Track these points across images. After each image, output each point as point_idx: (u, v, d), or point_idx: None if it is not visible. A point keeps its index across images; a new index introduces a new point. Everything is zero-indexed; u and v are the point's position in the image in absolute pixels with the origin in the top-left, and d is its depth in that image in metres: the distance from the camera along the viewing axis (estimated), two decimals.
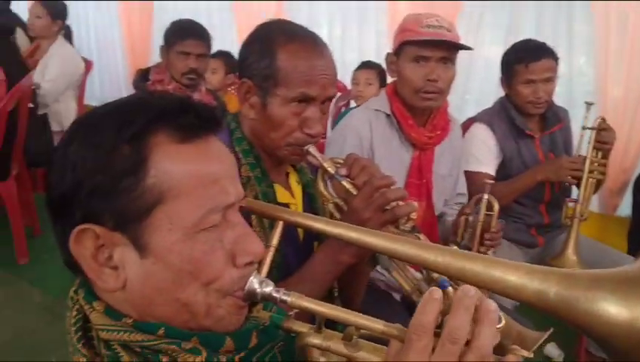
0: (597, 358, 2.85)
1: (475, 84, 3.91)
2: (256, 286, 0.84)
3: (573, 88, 3.60)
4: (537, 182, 2.58)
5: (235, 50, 4.55)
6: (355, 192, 1.35)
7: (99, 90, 6.04)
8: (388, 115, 2.20)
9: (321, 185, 1.47)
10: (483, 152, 2.67)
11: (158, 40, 4.00)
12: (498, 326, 0.72)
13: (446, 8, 3.60)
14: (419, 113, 2.17)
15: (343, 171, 1.38)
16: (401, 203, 1.31)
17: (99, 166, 0.76)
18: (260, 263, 1.13)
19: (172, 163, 0.78)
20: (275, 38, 1.40)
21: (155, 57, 4.62)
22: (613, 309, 0.80)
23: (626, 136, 3.35)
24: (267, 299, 0.84)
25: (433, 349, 0.70)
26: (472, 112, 2.90)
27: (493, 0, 3.78)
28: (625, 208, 3.40)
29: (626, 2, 3.20)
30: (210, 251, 0.79)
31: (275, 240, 1.18)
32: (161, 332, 0.79)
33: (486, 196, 1.99)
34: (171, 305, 0.80)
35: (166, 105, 0.81)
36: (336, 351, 0.84)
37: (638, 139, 3.34)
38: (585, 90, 3.55)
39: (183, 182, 0.78)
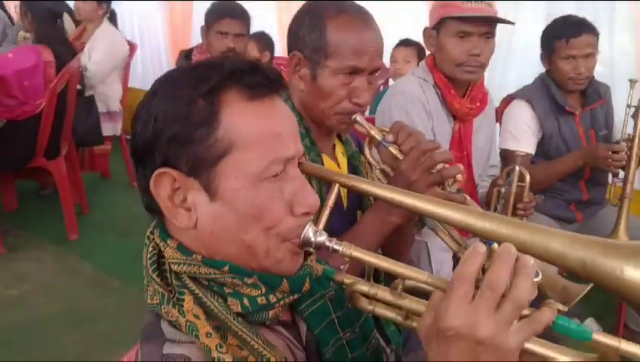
0: (637, 334, 2.84)
1: (516, 62, 3.88)
2: (311, 235, 0.92)
3: (615, 67, 3.56)
4: (578, 166, 2.60)
5: (274, 31, 4.65)
6: (401, 157, 1.42)
7: (142, 73, 6.15)
8: (433, 86, 2.25)
9: (367, 153, 1.54)
10: (521, 130, 2.68)
11: (199, 21, 4.03)
12: (535, 279, 0.77)
13: None
14: (459, 85, 2.23)
15: (390, 138, 1.45)
16: (447, 165, 1.38)
17: (177, 116, 0.86)
18: (317, 219, 1.21)
19: (241, 117, 0.88)
20: (324, 12, 1.47)
21: (196, 39, 4.68)
22: None
23: None
24: (320, 247, 0.93)
25: (473, 298, 0.76)
26: (512, 90, 2.91)
27: None
28: None
29: None
30: (271, 199, 0.89)
31: (331, 201, 1.26)
32: (226, 268, 0.89)
33: (517, 167, 2.03)
34: (236, 245, 0.90)
35: (238, 66, 0.90)
36: (383, 298, 0.92)
37: None
38: (627, 68, 3.49)
39: (249, 135, 0.87)
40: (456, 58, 2.15)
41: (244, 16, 3.18)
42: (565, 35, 2.59)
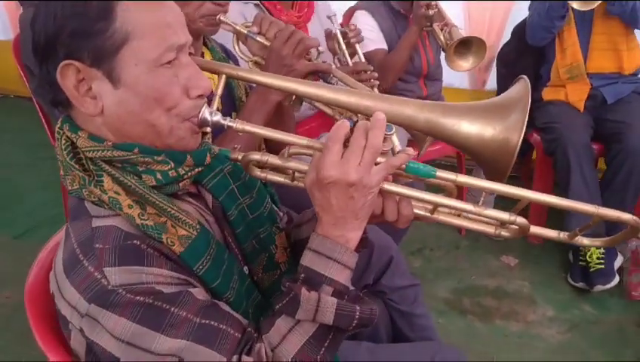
0: None
1: None
2: (207, 115, 1.06)
3: None
4: (417, 34, 2.89)
5: None
6: (268, 44, 1.61)
7: None
8: (256, 4, 2.42)
9: (237, 48, 1.72)
10: (372, 34, 2.94)
11: None
12: (388, 133, 1.00)
13: None
14: None
15: (255, 29, 1.63)
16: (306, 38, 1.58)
17: (77, 12, 0.95)
18: (210, 103, 1.33)
19: (134, 10, 0.97)
20: None
21: None
22: (481, 127, 1.13)
23: (489, 18, 3.76)
24: (216, 125, 1.08)
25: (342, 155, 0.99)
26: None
27: None
28: (492, 82, 3.81)
29: None
30: (169, 83, 1.01)
31: (220, 90, 1.41)
32: (136, 150, 1.01)
33: (336, 29, 2.36)
34: (141, 125, 1.02)
35: None
36: (273, 163, 1.10)
37: (498, 19, 3.75)
38: None
39: (144, 25, 0.98)
40: None
41: None
42: None
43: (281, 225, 1.31)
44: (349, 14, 3.14)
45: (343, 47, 2.35)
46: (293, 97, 1.64)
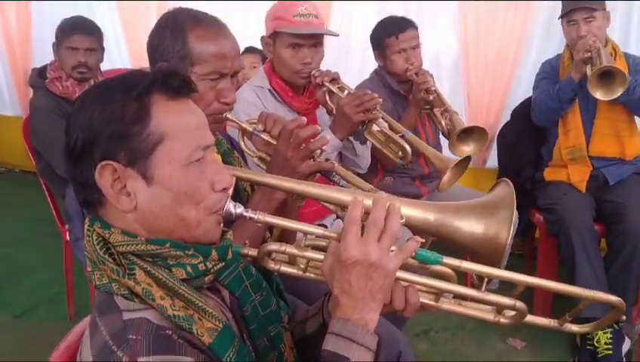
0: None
1: (355, 59, 4.16)
2: (232, 208, 1.15)
3: (441, 62, 3.99)
4: (416, 115, 2.95)
5: (122, 45, 4.71)
6: (273, 142, 1.64)
7: None
8: (269, 90, 2.52)
9: (243, 144, 1.76)
10: None
11: (39, 42, 4.13)
12: (401, 221, 1.08)
13: None
14: (296, 86, 2.53)
15: (260, 127, 1.67)
16: (312, 139, 1.61)
17: (114, 117, 1.04)
18: None
19: (167, 114, 1.07)
20: (183, 24, 1.60)
21: (36, 59, 4.71)
22: (473, 225, 1.22)
23: (487, 99, 3.85)
24: (240, 217, 1.15)
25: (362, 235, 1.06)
26: (353, 85, 3.25)
27: None
28: (492, 161, 3.87)
29: None
30: (197, 179, 1.09)
31: (230, 191, 1.41)
32: (167, 245, 1.07)
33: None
34: (172, 219, 1.08)
35: (160, 73, 1.10)
36: (290, 252, 1.17)
37: (498, 100, 3.84)
38: (450, 61, 3.98)
39: (176, 128, 1.07)
40: (291, 67, 2.44)
41: (94, 31, 3.21)
42: (394, 33, 2.97)
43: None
44: None
45: (334, 88, 2.44)
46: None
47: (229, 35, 1.65)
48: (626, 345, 2.88)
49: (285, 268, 1.21)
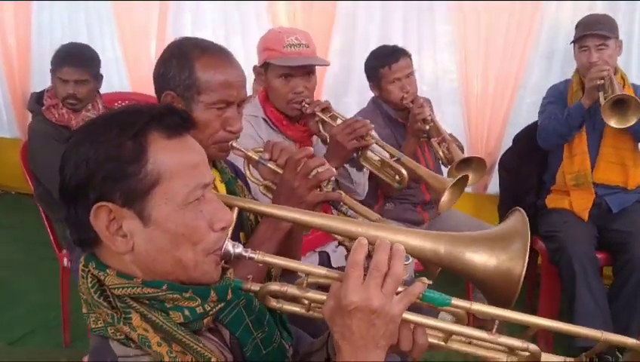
0: (483, 321, 3.22)
1: (354, 87, 4.15)
2: (230, 248, 1.11)
3: (440, 85, 4.00)
4: (415, 145, 2.95)
5: (121, 68, 4.65)
6: (280, 171, 1.62)
7: None
8: (264, 119, 2.51)
9: (249, 173, 1.74)
10: None
11: (39, 65, 4.09)
12: (406, 262, 1.04)
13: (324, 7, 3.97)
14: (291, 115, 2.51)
15: (267, 156, 1.65)
16: (320, 169, 1.60)
17: (109, 157, 1.00)
18: None
19: (164, 153, 1.03)
20: (190, 53, 1.60)
21: (35, 83, 4.71)
22: (485, 258, 1.17)
23: (488, 124, 3.83)
24: (238, 257, 1.11)
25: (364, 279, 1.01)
26: (352, 114, 3.17)
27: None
28: (494, 186, 3.84)
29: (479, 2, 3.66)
30: (195, 219, 1.05)
31: (233, 223, 1.37)
32: (164, 287, 1.03)
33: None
34: (169, 261, 1.04)
35: (156, 111, 1.07)
36: (291, 293, 1.13)
37: (498, 125, 3.82)
38: (450, 85, 3.96)
39: (173, 167, 1.03)
40: (283, 96, 2.44)
41: (86, 62, 3.16)
42: (387, 63, 2.99)
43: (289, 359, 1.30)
44: None
45: (326, 117, 2.44)
46: None
47: (236, 64, 1.65)
48: None
49: (288, 307, 1.18)
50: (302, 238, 1.80)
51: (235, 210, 1.41)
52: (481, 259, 1.18)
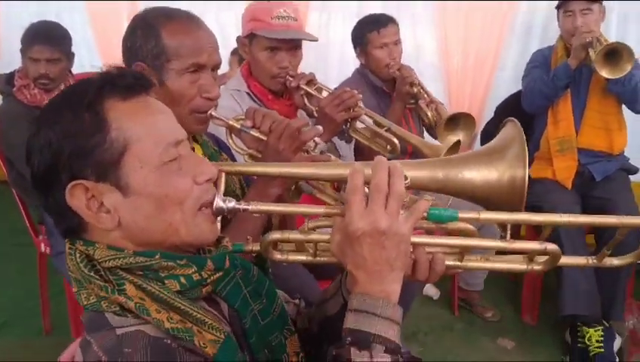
0: (468, 293, 3.34)
1: (334, 60, 4.14)
2: (221, 203, 1.05)
3: (419, 56, 3.98)
4: (403, 108, 2.93)
5: (92, 48, 4.56)
6: (264, 138, 1.57)
7: None
8: (248, 93, 2.42)
9: (232, 142, 1.68)
10: None
11: (9, 46, 3.94)
12: (406, 181, 0.99)
13: None
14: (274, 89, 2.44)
15: (249, 123, 1.60)
16: (305, 129, 1.55)
17: (70, 133, 0.96)
18: None
19: (126, 117, 0.98)
20: (154, 21, 1.54)
21: (3, 65, 4.32)
22: (485, 172, 1.14)
23: (469, 95, 3.82)
24: (232, 211, 1.06)
25: (367, 204, 0.97)
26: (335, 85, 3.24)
27: None
28: None
29: None
30: (176, 177, 1.00)
31: (221, 188, 1.29)
32: (157, 256, 0.99)
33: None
34: (160, 227, 1.00)
35: (106, 77, 1.01)
36: (294, 238, 1.09)
37: (479, 97, 3.81)
38: (430, 58, 3.96)
39: (139, 129, 0.98)
40: (268, 71, 2.35)
41: (57, 40, 3.06)
42: (376, 28, 2.97)
43: (294, 317, 1.28)
44: None
45: (312, 90, 2.37)
46: (292, 188, 1.60)
47: (205, 27, 1.59)
48: (617, 343, 2.86)
49: (294, 257, 1.14)
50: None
51: (222, 176, 1.32)
52: (480, 174, 1.16)
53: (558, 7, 3.09)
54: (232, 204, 1.06)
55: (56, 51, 3.03)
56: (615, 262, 1.17)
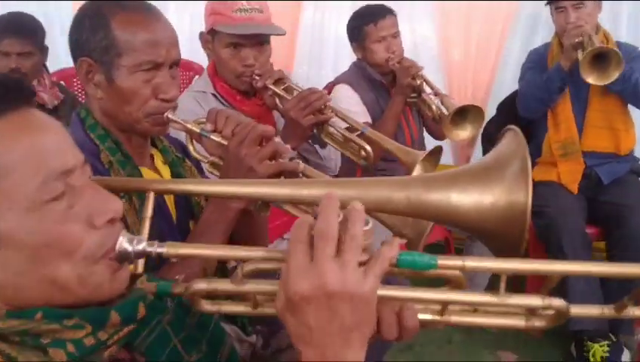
0: None
1: (329, 56, 3.98)
2: (126, 245, 0.83)
3: (419, 52, 3.76)
4: (403, 103, 2.79)
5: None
6: (226, 142, 1.38)
7: None
8: (214, 95, 2.22)
9: (192, 149, 1.51)
10: (355, 107, 2.81)
11: None
12: (366, 227, 0.75)
13: None
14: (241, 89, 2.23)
15: (209, 127, 1.42)
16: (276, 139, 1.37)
17: None
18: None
19: None
20: (104, 10, 1.36)
21: None
22: (476, 196, 0.90)
23: (471, 92, 3.65)
24: (142, 255, 0.84)
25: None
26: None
27: None
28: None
29: None
30: (62, 220, 0.77)
31: (148, 212, 1.06)
32: (38, 316, 0.76)
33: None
34: (39, 285, 0.78)
35: None
36: (225, 290, 0.85)
37: (481, 94, 3.63)
38: (429, 53, 3.76)
39: (7, 159, 0.75)
40: (232, 69, 2.16)
41: (29, 33, 2.86)
42: (373, 20, 2.81)
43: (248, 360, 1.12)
44: (329, 88, 3.00)
45: (279, 90, 2.14)
46: (259, 201, 1.38)
47: (163, 19, 1.41)
48: (626, 356, 2.70)
49: (228, 308, 0.90)
50: (265, 222, 1.57)
51: (151, 196, 1.07)
52: (471, 198, 0.91)
53: (548, 3, 2.92)
54: (140, 245, 0.83)
55: (28, 44, 2.84)
56: (637, 312, 0.92)
